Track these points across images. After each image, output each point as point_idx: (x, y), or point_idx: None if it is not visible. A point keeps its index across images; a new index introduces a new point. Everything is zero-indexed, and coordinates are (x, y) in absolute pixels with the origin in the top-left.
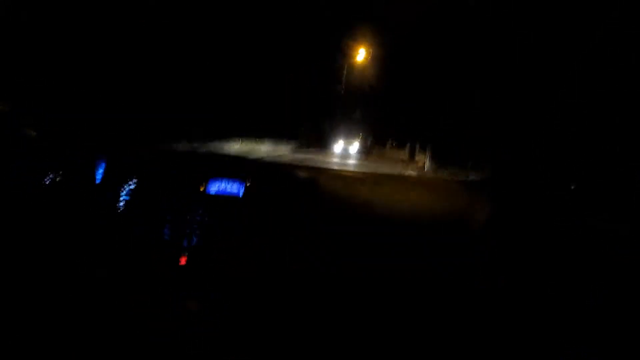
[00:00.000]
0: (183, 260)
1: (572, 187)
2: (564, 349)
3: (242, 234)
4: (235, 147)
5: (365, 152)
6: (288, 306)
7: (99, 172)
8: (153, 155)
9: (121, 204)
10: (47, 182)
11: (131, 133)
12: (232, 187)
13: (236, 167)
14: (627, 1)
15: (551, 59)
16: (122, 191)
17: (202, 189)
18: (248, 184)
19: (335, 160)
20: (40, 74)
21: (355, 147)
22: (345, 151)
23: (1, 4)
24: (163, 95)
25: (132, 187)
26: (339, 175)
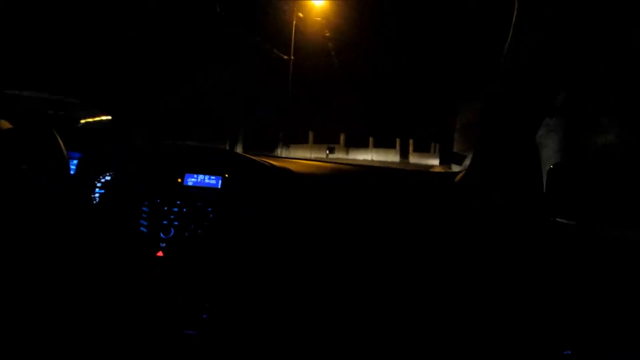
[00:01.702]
0: (160, 253)
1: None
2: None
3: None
4: None
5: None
6: (270, 303)
7: (73, 165)
8: (129, 148)
9: (96, 195)
10: (19, 174)
11: (106, 125)
12: (210, 179)
13: (214, 158)
14: None
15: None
16: (97, 183)
17: (179, 181)
18: (226, 176)
19: None
20: (17, 65)
21: None
22: None
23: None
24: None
25: (106, 179)
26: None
